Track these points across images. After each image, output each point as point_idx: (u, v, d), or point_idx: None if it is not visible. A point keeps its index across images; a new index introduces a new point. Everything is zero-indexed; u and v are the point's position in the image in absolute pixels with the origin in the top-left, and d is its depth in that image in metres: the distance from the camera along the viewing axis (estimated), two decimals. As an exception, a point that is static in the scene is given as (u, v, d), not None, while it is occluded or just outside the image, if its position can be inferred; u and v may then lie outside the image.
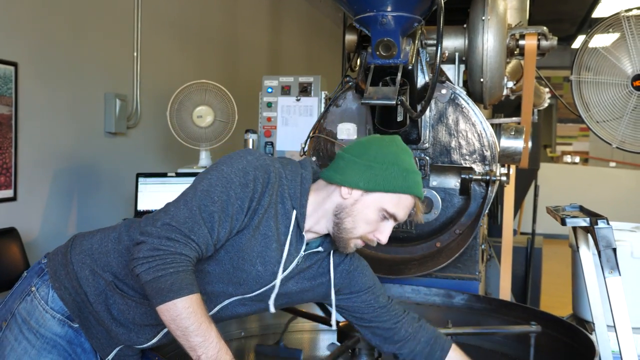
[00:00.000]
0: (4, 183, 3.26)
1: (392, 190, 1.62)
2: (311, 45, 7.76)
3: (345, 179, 1.63)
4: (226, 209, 1.54)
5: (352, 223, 1.63)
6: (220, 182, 1.55)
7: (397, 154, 1.66)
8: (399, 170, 1.62)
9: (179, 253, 1.48)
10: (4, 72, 3.24)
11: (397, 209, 1.63)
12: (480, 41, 2.51)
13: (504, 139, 2.54)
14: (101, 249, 1.72)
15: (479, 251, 2.60)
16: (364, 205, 1.63)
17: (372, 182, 1.62)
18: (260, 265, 1.63)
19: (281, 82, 3.69)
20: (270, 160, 1.64)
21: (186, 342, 1.44)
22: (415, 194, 1.65)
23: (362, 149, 1.67)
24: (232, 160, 1.60)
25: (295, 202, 1.65)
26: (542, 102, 4.38)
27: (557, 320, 2.18)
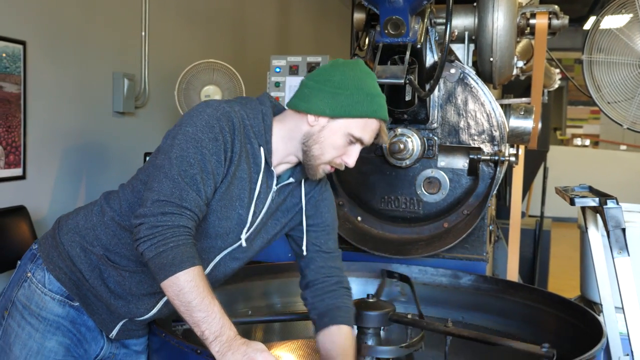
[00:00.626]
0: (13, 162, 3.27)
1: (357, 115, 1.63)
2: (319, 25, 7.71)
3: (311, 107, 1.65)
4: (205, 168, 1.56)
5: (320, 150, 1.66)
6: (190, 144, 1.55)
7: (361, 79, 1.67)
8: (363, 95, 1.64)
9: (177, 225, 1.49)
10: (13, 50, 3.24)
11: (363, 133, 1.65)
12: (490, 20, 2.48)
13: (513, 118, 2.51)
14: (87, 224, 1.73)
15: (486, 232, 2.59)
16: (331, 132, 1.64)
17: (337, 109, 1.63)
18: (240, 208, 1.66)
19: (289, 62, 3.67)
20: (229, 106, 1.64)
21: (190, 317, 1.45)
22: (380, 117, 1.67)
23: (326, 76, 1.67)
24: (193, 119, 1.59)
25: (261, 139, 1.67)
26: (552, 83, 4.34)
27: (565, 301, 2.17)
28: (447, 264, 2.58)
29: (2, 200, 3.15)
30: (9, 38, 3.21)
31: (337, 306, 1.84)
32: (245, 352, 1.40)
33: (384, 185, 2.62)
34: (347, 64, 1.71)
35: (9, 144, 3.23)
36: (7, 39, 3.20)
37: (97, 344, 1.80)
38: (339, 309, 1.84)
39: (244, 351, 1.40)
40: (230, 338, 1.43)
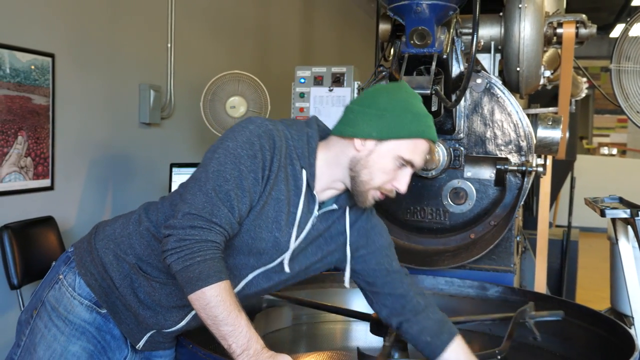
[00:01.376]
0: (41, 172, 3.31)
1: (406, 136, 1.59)
2: (343, 36, 7.72)
3: (358, 131, 1.60)
4: (241, 185, 1.54)
5: (369, 175, 1.60)
6: (229, 159, 1.54)
7: (407, 100, 1.63)
8: (411, 116, 1.60)
9: (205, 240, 1.48)
10: (42, 63, 3.29)
11: (413, 155, 1.60)
12: (516, 29, 2.47)
13: (541, 128, 2.49)
14: (123, 232, 1.73)
15: (514, 243, 2.56)
16: (379, 155, 1.59)
17: (385, 130, 1.59)
18: (277, 231, 1.62)
19: (314, 73, 3.67)
20: (273, 124, 1.61)
21: (217, 331, 1.45)
22: (429, 137, 1.63)
23: (370, 99, 1.64)
24: (235, 134, 1.57)
25: (304, 162, 1.63)
26: (579, 92, 4.30)
27: (595, 314, 2.14)
28: (474, 275, 2.56)
29: (31, 211, 3.19)
30: (38, 51, 3.26)
31: (441, 320, 1.84)
32: None
33: (409, 196, 2.60)
34: (392, 86, 1.69)
35: (37, 155, 3.28)
36: (37, 51, 3.25)
37: (121, 353, 1.79)
38: (445, 322, 1.84)
39: None
40: (257, 351, 1.43)
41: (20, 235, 2.92)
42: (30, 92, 3.22)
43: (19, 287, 2.86)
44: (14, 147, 3.13)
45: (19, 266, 2.86)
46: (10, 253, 2.85)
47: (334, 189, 1.68)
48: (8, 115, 3.10)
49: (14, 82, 3.12)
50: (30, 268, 2.91)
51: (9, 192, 3.11)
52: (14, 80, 3.12)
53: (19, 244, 2.89)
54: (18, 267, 2.86)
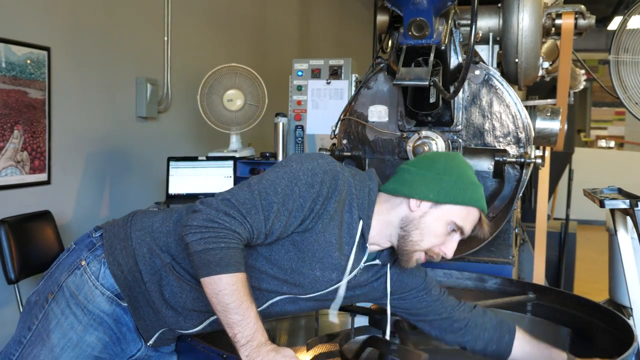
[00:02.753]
0: (38, 167, 3.30)
1: (461, 202, 1.62)
2: (341, 28, 7.70)
3: (414, 191, 1.63)
4: (286, 203, 1.54)
5: (420, 236, 1.62)
6: (286, 177, 1.56)
7: (463, 168, 1.67)
8: (467, 183, 1.64)
9: (233, 230, 1.48)
10: (38, 56, 3.27)
11: (465, 221, 1.63)
12: (515, 20, 2.45)
13: (539, 120, 2.48)
14: (162, 228, 1.71)
15: (512, 235, 2.55)
16: (433, 218, 1.62)
17: (442, 194, 1.62)
18: (319, 270, 1.63)
19: (311, 65, 3.67)
20: (340, 168, 1.64)
21: (225, 317, 1.45)
22: (481, 207, 1.66)
23: (429, 162, 1.68)
24: (302, 159, 1.60)
25: (363, 213, 1.64)
26: (577, 84, 4.29)
27: (594, 305, 2.13)
28: (472, 267, 2.55)
29: (28, 205, 3.18)
30: (34, 44, 3.24)
31: (497, 324, 1.89)
32: (273, 359, 1.40)
33: (408, 188, 2.59)
34: (448, 154, 1.75)
35: (34, 150, 3.26)
36: (32, 45, 3.24)
37: (135, 345, 1.78)
38: (502, 323, 1.89)
39: (273, 357, 1.41)
40: (261, 344, 1.43)
41: (17, 230, 2.91)
42: (26, 86, 3.20)
43: (16, 281, 2.85)
44: (10, 141, 3.12)
45: (16, 261, 2.85)
46: (7, 248, 2.83)
47: (377, 245, 1.70)
48: (4, 109, 3.08)
49: (9, 76, 3.10)
50: (28, 263, 2.90)
51: (6, 187, 3.10)
52: (9, 74, 3.10)
53: (16, 238, 2.87)
54: (15, 261, 2.85)
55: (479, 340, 1.88)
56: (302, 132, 3.63)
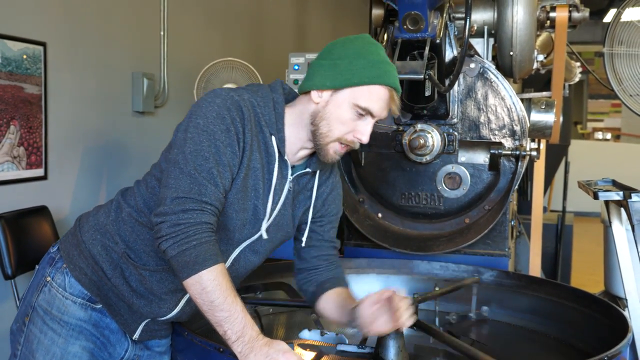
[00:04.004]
0: (34, 162, 3.30)
1: (359, 82, 1.56)
2: (337, 22, 7.69)
3: (313, 83, 1.61)
4: (221, 160, 1.53)
5: (328, 126, 1.59)
6: (203, 137, 1.53)
7: (363, 47, 1.61)
8: (365, 62, 1.57)
9: (199, 222, 1.48)
10: (33, 52, 3.26)
11: (369, 102, 1.57)
12: (509, 13, 2.46)
13: (534, 112, 2.49)
14: (106, 221, 1.72)
15: (508, 227, 2.57)
16: (336, 105, 1.58)
17: (338, 79, 1.57)
18: (256, 199, 1.63)
19: (307, 59, 3.67)
20: (238, 95, 1.61)
21: (212, 316, 1.44)
22: (386, 83, 1.59)
23: (326, 51, 1.64)
24: (203, 110, 1.56)
25: (272, 128, 1.63)
26: (573, 76, 4.30)
27: (589, 296, 2.15)
28: (468, 260, 2.57)
29: (24, 201, 3.17)
30: (29, 39, 3.23)
31: (336, 277, 1.87)
32: (267, 354, 1.40)
33: (404, 181, 2.61)
34: (350, 37, 1.66)
35: (30, 145, 3.26)
36: (28, 40, 3.22)
37: (121, 347, 1.79)
38: (340, 279, 1.88)
39: (266, 352, 1.40)
40: (253, 338, 1.42)
41: (14, 225, 2.91)
42: (22, 81, 3.19)
43: (13, 277, 2.85)
44: (6, 136, 3.12)
45: (12, 256, 2.85)
46: (3, 243, 2.83)
47: (306, 149, 1.68)
48: (0, 104, 3.08)
49: (5, 71, 3.10)
50: (25, 258, 2.90)
51: (2, 182, 3.10)
52: (5, 70, 3.10)
53: (12, 234, 2.87)
54: (12, 257, 2.85)
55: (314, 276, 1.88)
56: (299, 126, 3.63)
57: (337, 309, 1.80)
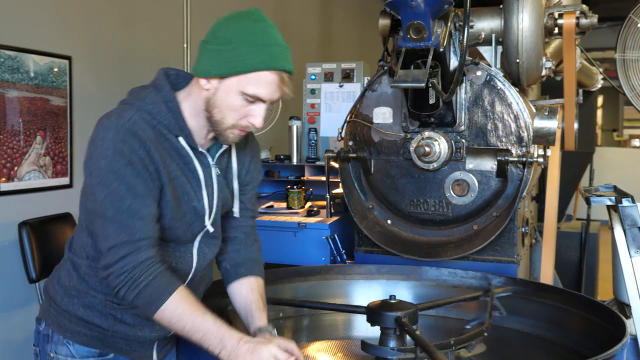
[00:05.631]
0: (60, 171, 3.42)
1: (244, 70, 1.51)
2: (362, 32, 7.74)
3: (201, 69, 1.56)
4: (136, 193, 1.51)
5: (220, 114, 1.56)
6: (110, 178, 1.50)
7: (248, 28, 1.54)
8: (249, 47, 1.51)
9: (140, 262, 1.50)
10: (59, 65, 3.39)
11: (257, 89, 1.52)
12: (515, 21, 2.48)
13: (537, 119, 2.50)
14: (72, 283, 1.70)
15: (517, 234, 2.57)
16: (224, 93, 1.53)
17: (223, 67, 1.52)
18: (191, 201, 1.64)
19: (324, 69, 3.73)
20: (127, 114, 1.53)
21: (191, 339, 1.51)
22: (274, 67, 1.52)
23: (211, 34, 1.58)
24: (100, 150, 1.51)
25: (175, 130, 1.59)
26: (594, 83, 4.28)
27: (593, 303, 2.15)
28: (477, 266, 2.58)
29: (50, 208, 3.30)
30: (56, 54, 3.37)
31: (253, 259, 1.86)
32: None
33: (412, 188, 2.64)
34: (236, 15, 1.58)
35: (56, 155, 3.39)
36: (54, 54, 3.36)
37: None
38: (256, 262, 1.87)
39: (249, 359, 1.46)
40: (234, 347, 1.47)
41: (39, 231, 3.02)
42: (48, 93, 3.32)
43: (37, 280, 2.96)
44: (33, 146, 3.24)
45: (37, 261, 2.97)
46: (28, 248, 2.95)
47: (212, 132, 1.66)
48: (27, 116, 3.21)
49: (32, 84, 3.23)
50: (49, 262, 3.01)
51: (29, 190, 3.22)
52: (32, 83, 3.23)
53: (37, 239, 2.99)
54: (37, 261, 2.97)
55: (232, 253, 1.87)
56: (316, 135, 3.69)
57: (242, 311, 1.80)
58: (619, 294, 2.48)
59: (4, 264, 3.12)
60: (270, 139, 4.15)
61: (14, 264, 3.11)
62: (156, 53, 4.15)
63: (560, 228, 4.74)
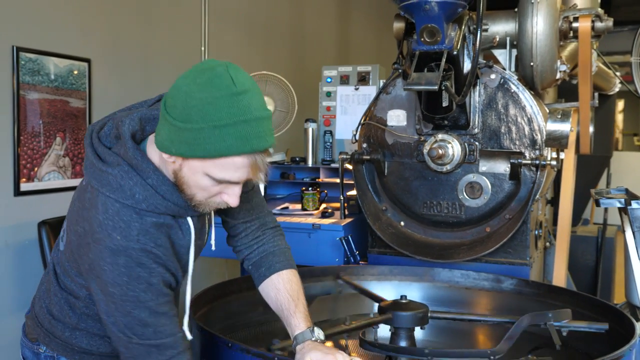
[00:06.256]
0: (79, 172, 3.48)
1: (207, 155, 1.33)
2: (380, 35, 7.76)
3: (160, 143, 1.39)
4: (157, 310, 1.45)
5: (190, 189, 1.41)
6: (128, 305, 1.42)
7: (210, 101, 1.30)
8: (212, 129, 1.30)
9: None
10: (79, 68, 3.45)
11: (224, 173, 1.36)
12: (529, 25, 2.49)
13: (550, 122, 2.50)
14: (70, 319, 1.65)
15: (529, 236, 2.58)
16: (190, 171, 1.38)
17: (182, 147, 1.33)
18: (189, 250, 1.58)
19: (340, 72, 3.75)
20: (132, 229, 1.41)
21: None
22: (243, 152, 1.32)
23: (171, 98, 1.37)
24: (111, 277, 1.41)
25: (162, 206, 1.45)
26: (612, 86, 4.26)
27: (603, 305, 2.16)
28: (489, 268, 2.59)
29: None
30: (75, 56, 3.43)
31: (269, 252, 1.76)
32: None
33: (426, 190, 2.66)
34: (197, 75, 1.35)
35: (75, 156, 3.45)
36: (74, 57, 3.42)
37: None
38: (273, 254, 1.76)
39: None
40: None
41: (58, 230, 3.05)
42: (67, 95, 3.38)
43: (56, 279, 3.02)
44: (53, 147, 3.30)
45: (56, 260, 3.02)
46: (47, 247, 3.01)
47: None
48: (47, 117, 3.27)
49: (52, 87, 3.29)
50: (67, 262, 3.07)
51: (48, 190, 3.28)
52: (52, 85, 3.29)
53: (56, 238, 3.04)
54: (55, 260, 3.02)
55: (246, 251, 1.78)
56: (331, 137, 3.72)
57: (279, 315, 1.72)
58: (631, 297, 2.47)
59: (24, 263, 3.18)
60: (286, 141, 4.18)
61: (33, 262, 3.17)
62: (174, 56, 4.20)
63: (577, 232, 4.73)
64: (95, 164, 1.45)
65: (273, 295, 1.71)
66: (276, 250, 1.78)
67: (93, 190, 1.45)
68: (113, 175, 1.42)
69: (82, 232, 1.45)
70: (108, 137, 1.51)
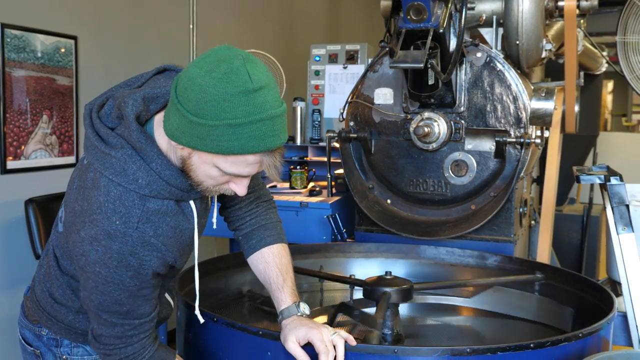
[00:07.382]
0: (66, 150, 3.47)
1: (220, 152, 1.32)
2: (370, 14, 7.73)
3: (170, 132, 1.37)
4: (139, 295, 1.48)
5: (197, 177, 1.41)
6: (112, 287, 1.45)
7: (225, 98, 1.27)
8: (225, 127, 1.28)
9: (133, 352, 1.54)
10: (65, 45, 3.43)
11: (233, 168, 1.36)
12: (515, 3, 2.50)
13: (534, 100, 2.52)
14: (75, 302, 1.65)
15: (514, 214, 2.61)
16: (199, 161, 1.37)
17: (194, 140, 1.32)
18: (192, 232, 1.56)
19: (328, 51, 3.76)
20: (133, 216, 1.41)
21: None
22: (256, 151, 1.32)
23: (183, 87, 1.32)
24: (103, 258, 1.41)
25: (172, 194, 1.45)
26: (598, 66, 4.28)
27: (584, 280, 2.20)
28: (474, 245, 2.62)
29: (57, 186, 3.35)
30: (62, 33, 3.41)
31: (261, 224, 1.76)
32: None
33: (412, 168, 2.68)
34: (215, 66, 1.29)
35: (62, 134, 3.44)
36: (60, 34, 3.40)
37: None
38: (265, 227, 1.76)
39: None
40: None
41: (45, 209, 3.08)
42: (54, 73, 3.37)
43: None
44: (39, 125, 3.30)
45: (43, 237, 3.03)
46: (35, 225, 3.01)
47: None
48: (34, 95, 3.26)
49: (38, 64, 3.27)
50: (55, 239, 3.08)
51: (35, 169, 3.28)
52: (38, 62, 3.27)
53: (43, 217, 3.05)
54: (42, 238, 3.03)
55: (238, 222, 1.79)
56: (319, 116, 3.73)
57: (264, 281, 1.73)
58: (611, 272, 2.52)
59: (11, 241, 3.18)
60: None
61: (20, 240, 3.17)
62: (162, 34, 4.18)
63: (563, 211, 4.78)
64: (98, 145, 1.42)
65: (262, 268, 1.73)
66: (268, 223, 1.78)
67: (96, 171, 1.43)
68: (116, 159, 1.40)
69: (80, 210, 1.44)
70: (109, 117, 1.47)
